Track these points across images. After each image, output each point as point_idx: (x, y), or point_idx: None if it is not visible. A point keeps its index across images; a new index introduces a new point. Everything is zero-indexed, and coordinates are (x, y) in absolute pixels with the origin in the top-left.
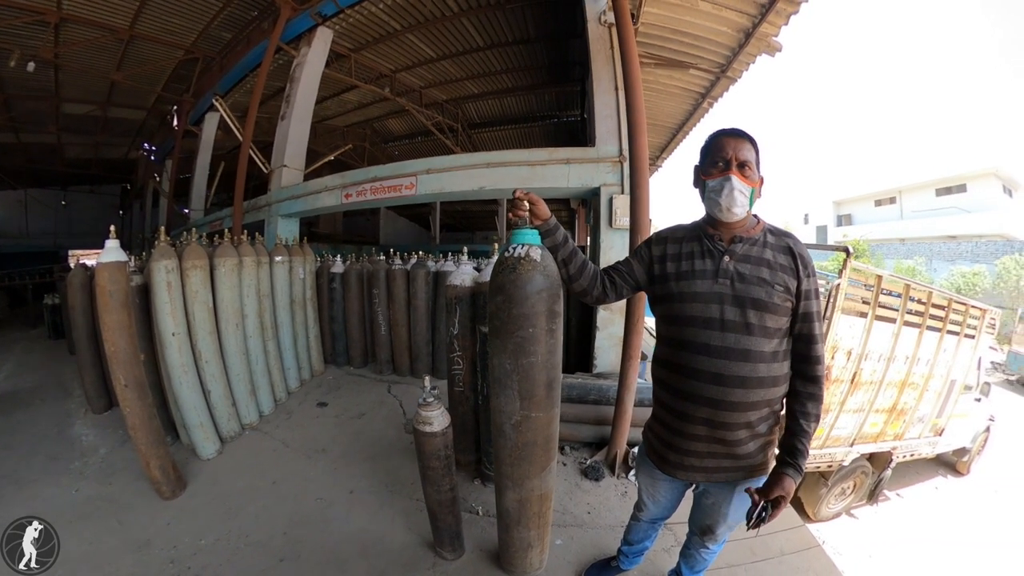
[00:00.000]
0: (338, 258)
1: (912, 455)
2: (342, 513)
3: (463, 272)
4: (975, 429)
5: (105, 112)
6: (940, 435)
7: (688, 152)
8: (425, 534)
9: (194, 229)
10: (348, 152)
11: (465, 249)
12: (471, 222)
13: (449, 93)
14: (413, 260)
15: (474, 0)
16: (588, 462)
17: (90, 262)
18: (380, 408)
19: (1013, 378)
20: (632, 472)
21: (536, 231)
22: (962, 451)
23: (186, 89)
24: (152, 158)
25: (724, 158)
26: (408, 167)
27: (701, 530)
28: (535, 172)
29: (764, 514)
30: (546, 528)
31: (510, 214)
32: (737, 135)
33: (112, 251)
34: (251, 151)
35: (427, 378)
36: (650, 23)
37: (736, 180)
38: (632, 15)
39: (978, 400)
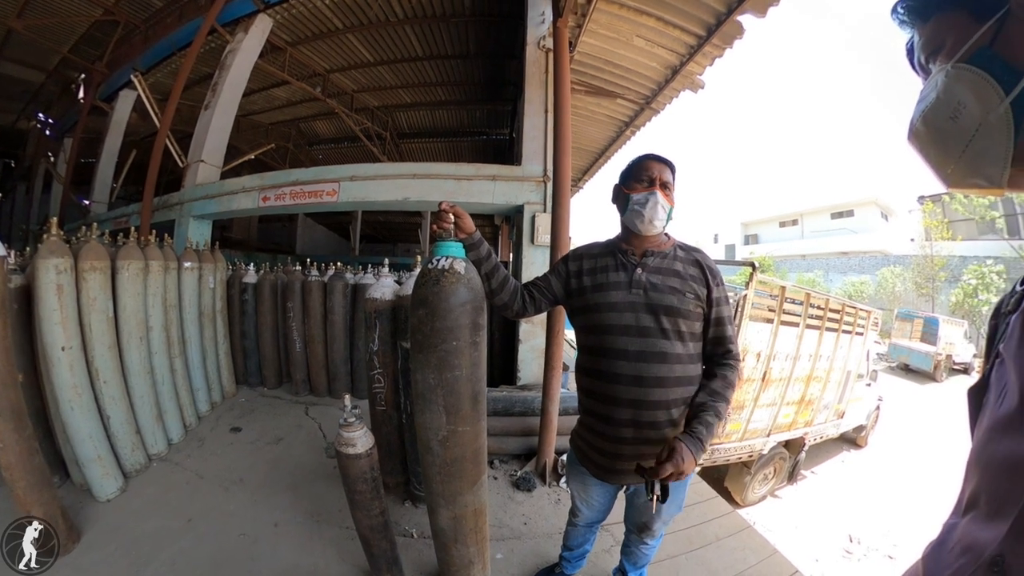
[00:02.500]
0: (251, 267)
1: (821, 437)
2: (269, 549)
3: (383, 285)
4: (868, 409)
5: None
6: (842, 417)
7: (609, 176)
8: (360, 563)
9: (95, 224)
10: (270, 152)
11: (386, 261)
12: (393, 234)
13: (381, 100)
14: (331, 272)
15: (420, 10)
16: (519, 473)
17: None
18: (298, 432)
19: (894, 365)
20: (563, 480)
21: (460, 244)
22: (860, 428)
23: (99, 56)
24: (48, 133)
25: (649, 177)
26: (331, 172)
27: (638, 528)
28: (461, 186)
29: (656, 489)
30: (485, 543)
31: (434, 226)
32: (661, 160)
33: None
34: (168, 140)
35: (347, 397)
36: (585, 52)
37: (659, 195)
38: (570, 43)
39: (869, 385)
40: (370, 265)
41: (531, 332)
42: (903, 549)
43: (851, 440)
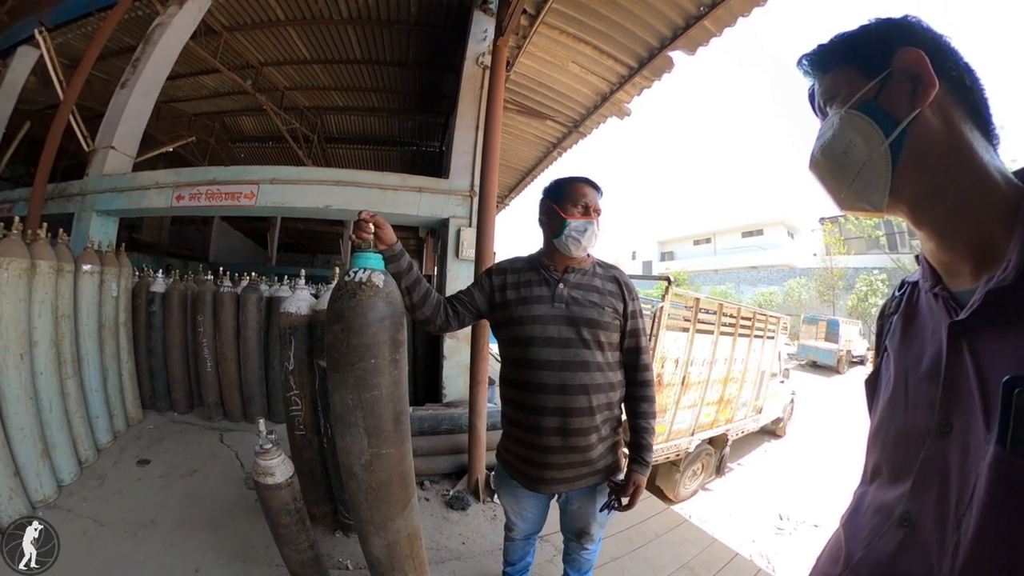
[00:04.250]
0: (160, 274)
1: (742, 432)
2: None
3: (299, 298)
4: (784, 403)
5: None
6: (760, 412)
7: (535, 194)
8: None
9: None
10: (189, 145)
11: (303, 272)
12: (313, 244)
13: (313, 100)
14: (244, 282)
15: (366, 11)
16: (451, 493)
17: None
18: (214, 462)
19: (803, 362)
20: (496, 495)
21: (380, 256)
22: (778, 420)
23: None
24: None
25: (586, 204)
26: (251, 173)
27: (576, 535)
28: (386, 196)
29: (615, 505)
30: (423, 568)
31: (353, 236)
32: (595, 186)
33: None
34: (72, 117)
35: (261, 421)
36: (521, 73)
37: (596, 225)
38: (508, 62)
39: (782, 382)
40: (287, 276)
41: (455, 347)
42: (826, 518)
43: (771, 432)
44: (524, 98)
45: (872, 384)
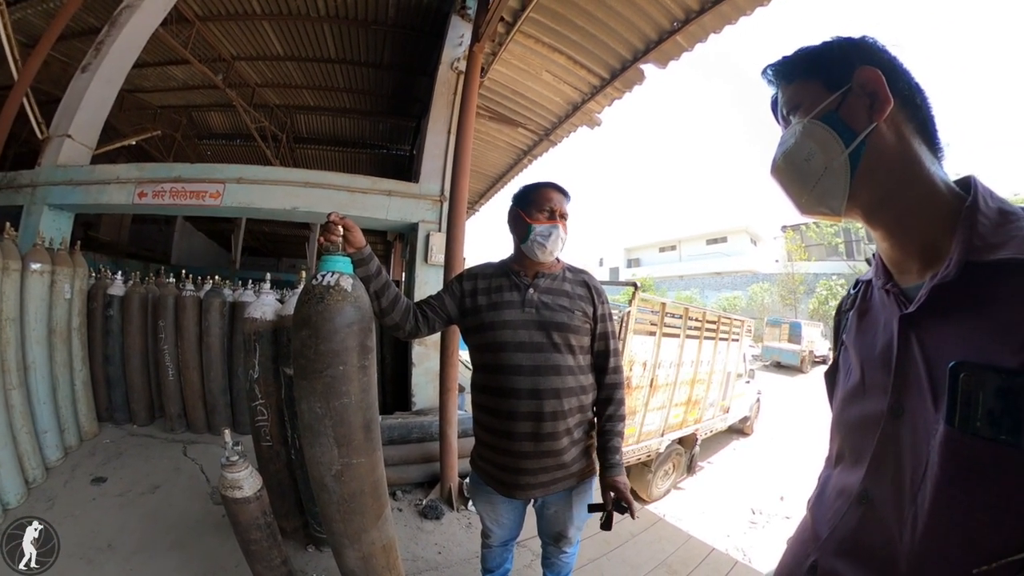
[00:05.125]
0: (119, 276)
1: (711, 431)
2: None
3: (264, 303)
4: (750, 402)
5: None
6: (728, 412)
7: (505, 200)
8: None
9: None
10: (154, 139)
11: (268, 277)
12: (278, 247)
13: (284, 98)
14: (208, 286)
15: (343, 10)
16: (424, 502)
17: None
18: (177, 476)
19: (768, 363)
20: (471, 502)
21: (349, 259)
22: (745, 419)
23: None
24: None
25: (551, 208)
26: (218, 171)
27: (554, 538)
28: (355, 199)
29: (610, 516)
30: None
31: (321, 238)
32: (562, 191)
33: None
34: (26, 100)
35: (227, 432)
36: (495, 80)
37: (561, 229)
38: (482, 69)
39: (748, 382)
40: (251, 281)
41: (424, 354)
42: (797, 510)
43: (739, 430)
44: (497, 104)
45: (831, 376)
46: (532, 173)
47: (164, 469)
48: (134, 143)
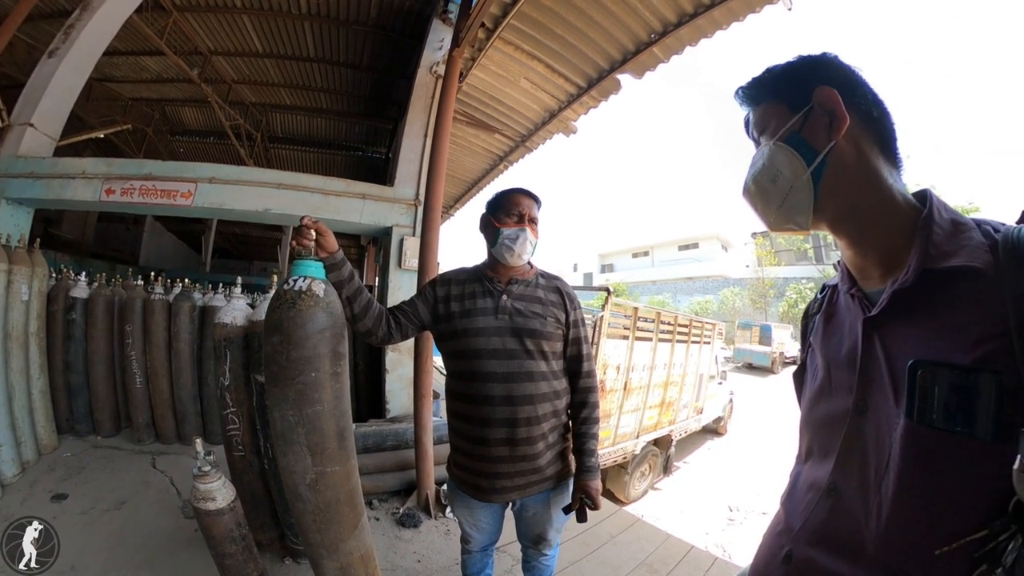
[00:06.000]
0: (83, 277)
1: (686, 432)
2: None
3: (234, 308)
4: (723, 403)
5: None
6: (701, 413)
7: (480, 206)
8: None
9: None
10: (123, 133)
11: (239, 280)
12: (249, 250)
13: (260, 96)
14: (177, 289)
15: (325, 9)
16: (401, 511)
17: None
18: (146, 490)
19: (739, 365)
20: (448, 509)
21: (321, 264)
22: (719, 419)
23: None
24: None
25: (519, 212)
26: (190, 170)
27: (533, 541)
28: (328, 202)
29: (585, 510)
30: None
31: (293, 242)
32: (530, 195)
33: None
34: None
35: (198, 441)
36: (473, 85)
37: (529, 232)
38: (461, 74)
39: (720, 383)
40: (221, 284)
41: (398, 360)
42: (773, 504)
43: (713, 430)
44: (474, 110)
45: (799, 377)
46: (508, 179)
47: (131, 483)
48: (102, 136)
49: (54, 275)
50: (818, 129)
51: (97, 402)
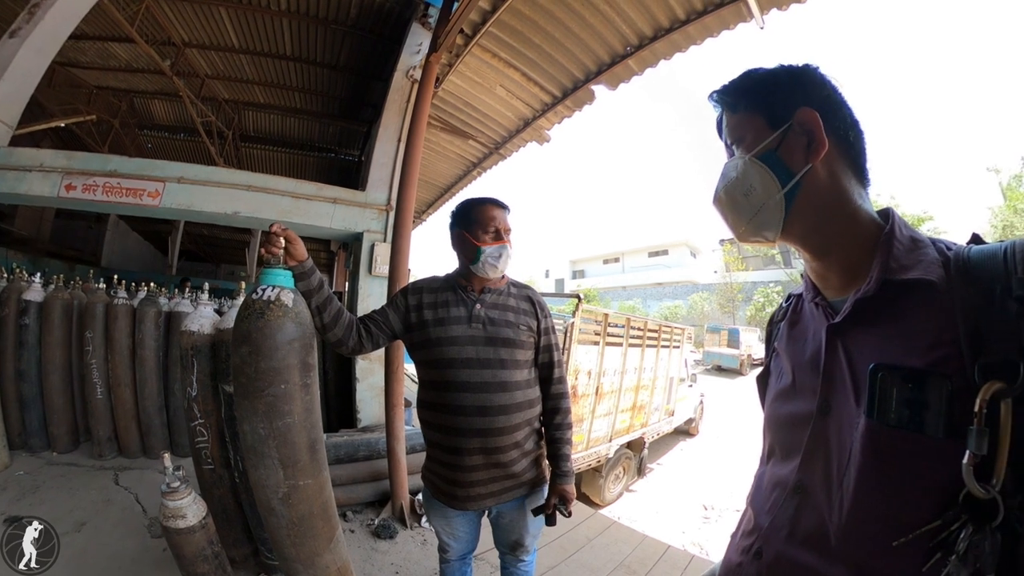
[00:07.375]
0: (38, 278)
1: (658, 434)
2: None
3: (202, 315)
4: (694, 404)
5: None
6: (673, 415)
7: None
8: None
9: None
10: (87, 124)
11: (206, 285)
12: (217, 253)
13: (233, 93)
14: (142, 293)
15: (304, 6)
16: (377, 522)
17: None
18: (108, 509)
19: (709, 367)
20: (424, 519)
21: (290, 272)
22: (690, 420)
23: None
24: None
25: (497, 227)
26: (158, 168)
27: (510, 547)
28: (299, 206)
29: (556, 514)
30: None
31: (262, 250)
32: (504, 207)
33: None
34: None
35: (166, 456)
36: (449, 91)
37: (508, 248)
38: (437, 79)
39: (690, 386)
40: (189, 288)
41: (369, 369)
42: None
43: (685, 431)
44: (449, 115)
45: (763, 380)
46: (481, 185)
47: (92, 502)
48: (63, 126)
49: (6, 275)
50: (796, 150)
51: (53, 415)
